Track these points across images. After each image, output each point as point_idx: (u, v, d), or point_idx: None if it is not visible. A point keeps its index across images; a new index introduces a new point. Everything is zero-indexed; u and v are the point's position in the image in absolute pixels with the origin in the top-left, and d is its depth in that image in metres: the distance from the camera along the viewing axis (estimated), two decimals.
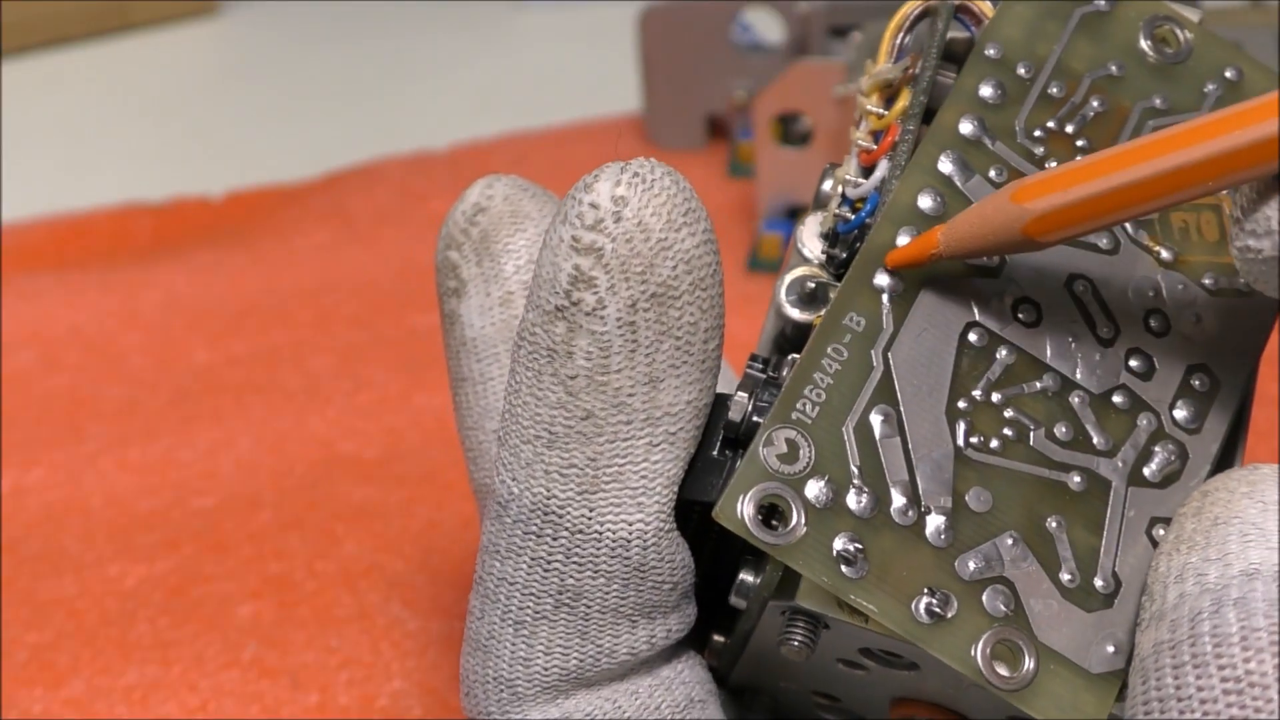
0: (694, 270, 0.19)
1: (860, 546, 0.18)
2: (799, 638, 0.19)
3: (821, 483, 0.19)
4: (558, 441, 0.19)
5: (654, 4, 0.50)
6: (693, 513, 0.20)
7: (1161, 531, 0.19)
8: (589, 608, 0.19)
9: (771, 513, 0.18)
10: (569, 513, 0.19)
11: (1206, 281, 0.21)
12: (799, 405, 0.19)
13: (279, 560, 0.34)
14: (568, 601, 0.19)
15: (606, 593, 0.19)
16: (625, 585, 0.19)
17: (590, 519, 0.19)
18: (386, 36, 0.65)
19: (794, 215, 0.45)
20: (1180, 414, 0.20)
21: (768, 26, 0.52)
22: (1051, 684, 0.18)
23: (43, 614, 0.33)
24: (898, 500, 0.19)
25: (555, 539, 0.19)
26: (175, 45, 0.65)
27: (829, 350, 0.19)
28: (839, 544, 0.18)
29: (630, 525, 0.19)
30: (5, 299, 0.44)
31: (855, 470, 0.19)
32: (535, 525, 0.19)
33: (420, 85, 0.61)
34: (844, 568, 0.18)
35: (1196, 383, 0.20)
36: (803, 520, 0.18)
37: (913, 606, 0.18)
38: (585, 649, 0.20)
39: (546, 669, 0.20)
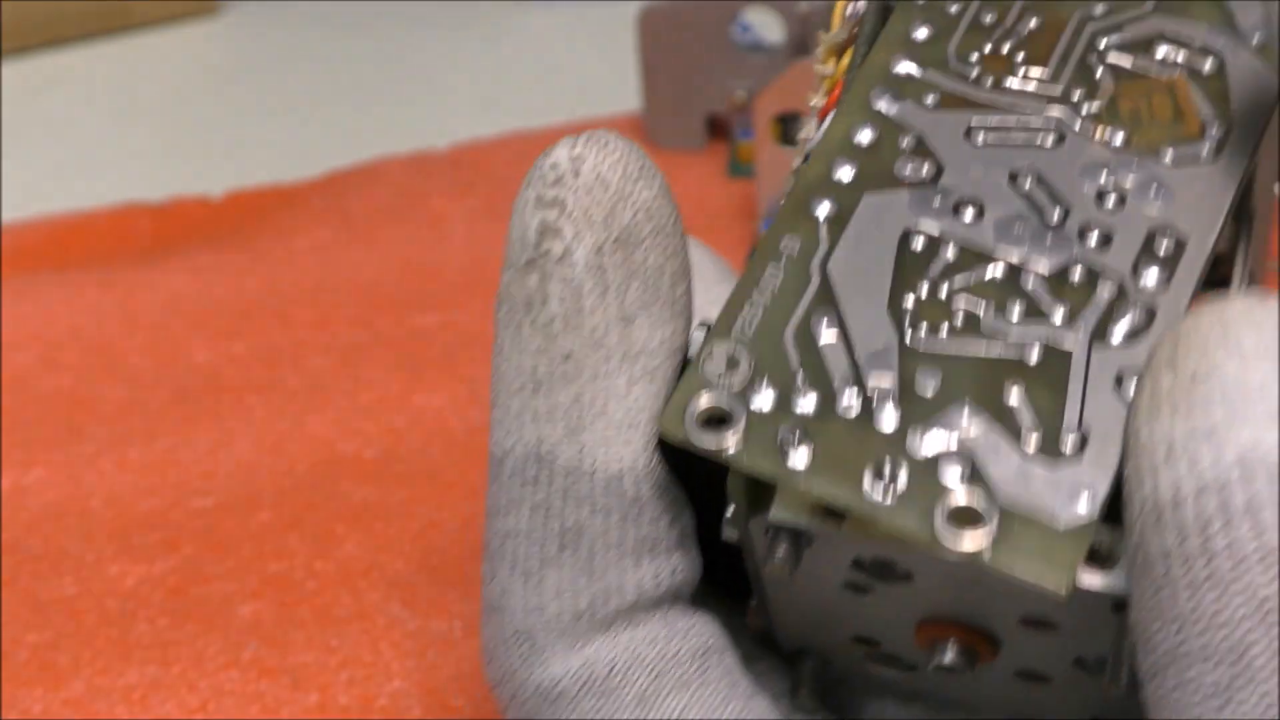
0: (654, 218, 0.20)
1: (807, 440, 0.18)
2: (780, 552, 0.19)
3: (764, 388, 0.19)
4: (542, 386, 0.20)
5: (654, 4, 0.50)
6: (681, 457, 0.20)
7: (1132, 385, 0.19)
8: (592, 546, 0.20)
9: (719, 424, 0.19)
10: (561, 453, 0.20)
11: (1165, 158, 0.21)
12: (738, 321, 0.19)
13: (279, 560, 0.34)
14: (570, 543, 0.20)
15: (606, 529, 0.20)
16: (624, 520, 0.20)
17: (581, 457, 0.20)
18: (386, 36, 0.65)
19: None
20: (1144, 278, 0.20)
21: (768, 26, 0.52)
22: (1017, 542, 0.18)
23: (43, 614, 0.33)
24: (844, 395, 0.19)
25: (551, 482, 0.20)
26: (175, 45, 0.65)
27: (766, 269, 0.20)
28: (785, 439, 0.18)
29: (621, 460, 0.20)
30: (5, 299, 0.44)
31: (798, 373, 0.19)
32: (530, 472, 0.20)
33: (420, 85, 0.61)
34: (790, 460, 0.18)
35: (1160, 248, 0.20)
36: (747, 424, 0.19)
37: (865, 486, 0.18)
38: (594, 587, 0.20)
39: (560, 613, 0.20)
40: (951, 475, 0.18)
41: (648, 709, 0.20)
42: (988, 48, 0.21)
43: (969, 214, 0.20)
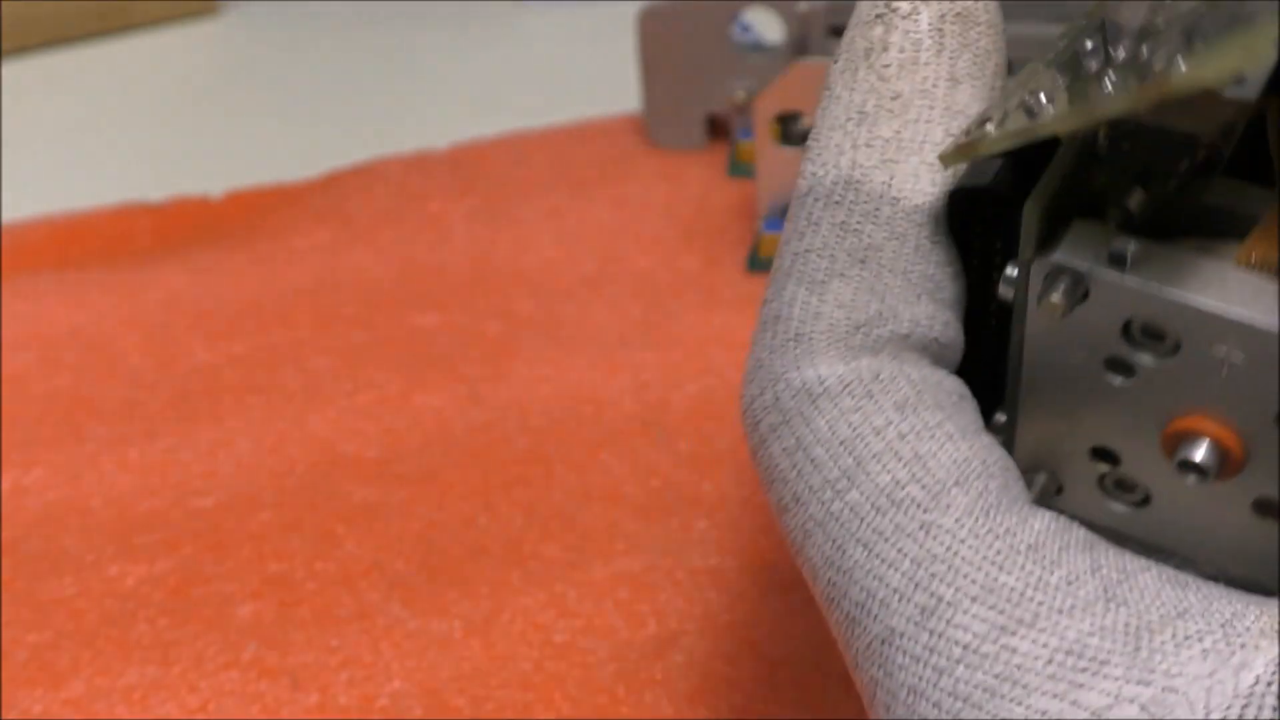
0: (989, 12, 0.22)
1: (1054, 100, 0.19)
2: (1058, 293, 0.20)
3: (1026, 99, 0.20)
4: (867, 119, 0.22)
5: (654, 4, 0.50)
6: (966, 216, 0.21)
7: None
8: (882, 267, 0.21)
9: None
10: (871, 178, 0.21)
11: None
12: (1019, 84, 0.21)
13: (279, 560, 0.34)
14: (863, 260, 0.21)
15: (899, 255, 0.21)
16: (915, 252, 0.21)
17: (890, 185, 0.21)
18: (386, 36, 0.65)
19: None
20: None
21: (768, 26, 0.52)
22: (1219, 50, 0.17)
23: (43, 614, 0.33)
24: (1090, 63, 0.20)
25: (856, 204, 0.21)
26: (175, 45, 0.65)
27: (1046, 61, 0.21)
28: (1033, 105, 0.19)
29: (924, 196, 0.21)
30: (5, 299, 0.44)
31: (1060, 80, 0.20)
32: (839, 195, 0.22)
33: (420, 85, 0.61)
34: (1036, 116, 0.19)
35: None
36: (1005, 114, 0.20)
37: (1097, 96, 0.19)
38: (875, 305, 0.21)
39: (839, 322, 0.21)
40: (1170, 49, 0.18)
41: (905, 415, 0.20)
42: None
43: None
